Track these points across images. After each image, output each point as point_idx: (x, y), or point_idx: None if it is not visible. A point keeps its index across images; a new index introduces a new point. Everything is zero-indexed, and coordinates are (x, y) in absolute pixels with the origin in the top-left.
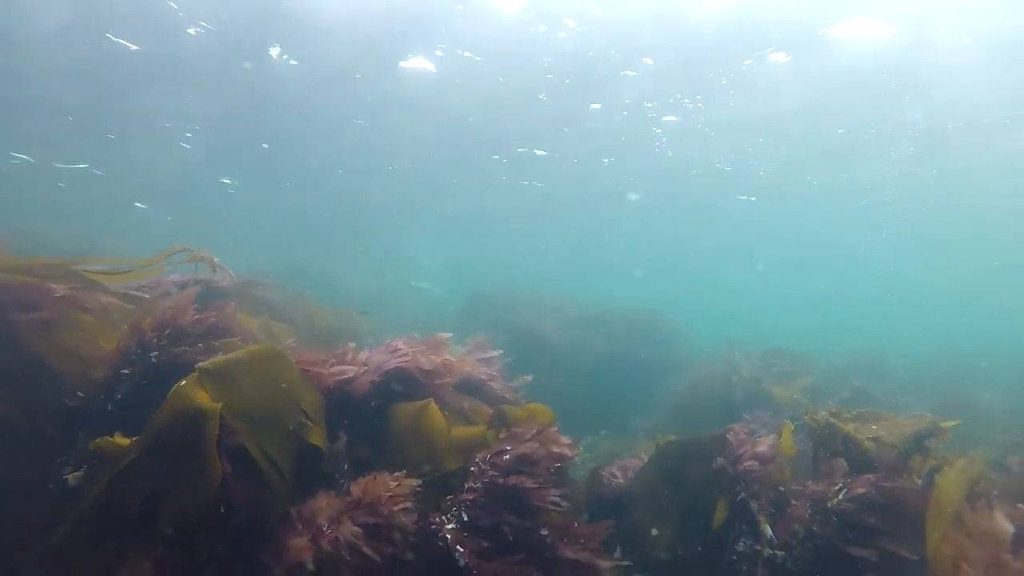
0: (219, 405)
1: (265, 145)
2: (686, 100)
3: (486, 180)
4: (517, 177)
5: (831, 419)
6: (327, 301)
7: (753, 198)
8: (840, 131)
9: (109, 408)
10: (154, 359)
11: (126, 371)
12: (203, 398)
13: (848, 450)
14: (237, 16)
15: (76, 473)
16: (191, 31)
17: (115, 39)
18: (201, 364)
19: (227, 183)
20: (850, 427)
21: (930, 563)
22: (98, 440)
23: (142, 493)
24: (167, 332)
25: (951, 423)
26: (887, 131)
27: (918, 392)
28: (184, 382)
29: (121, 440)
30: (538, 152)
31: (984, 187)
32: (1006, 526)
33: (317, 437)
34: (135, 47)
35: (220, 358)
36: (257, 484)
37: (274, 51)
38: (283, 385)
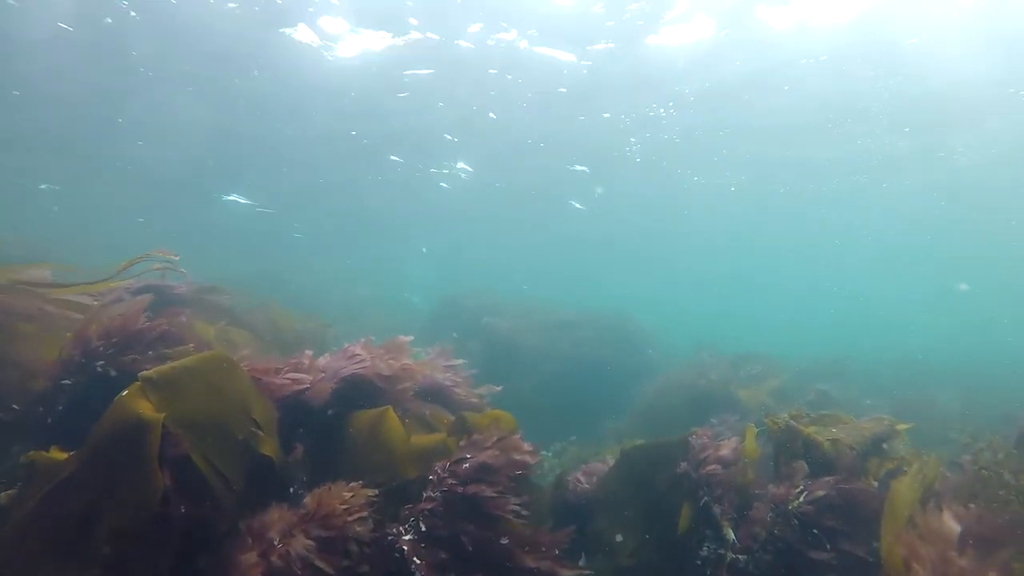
0: (162, 415)
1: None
2: (660, 109)
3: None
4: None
5: (791, 422)
6: (309, 310)
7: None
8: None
9: (49, 421)
10: (100, 368)
11: (68, 381)
12: (146, 408)
13: (808, 452)
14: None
15: (9, 492)
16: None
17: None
18: (144, 373)
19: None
20: (810, 430)
21: (883, 563)
22: (31, 454)
23: (78, 509)
24: (115, 340)
25: (906, 426)
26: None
27: (879, 394)
28: (126, 392)
29: (57, 454)
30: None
31: (935, 205)
32: (953, 526)
33: (268, 447)
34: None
35: (165, 366)
36: (203, 497)
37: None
38: (232, 394)
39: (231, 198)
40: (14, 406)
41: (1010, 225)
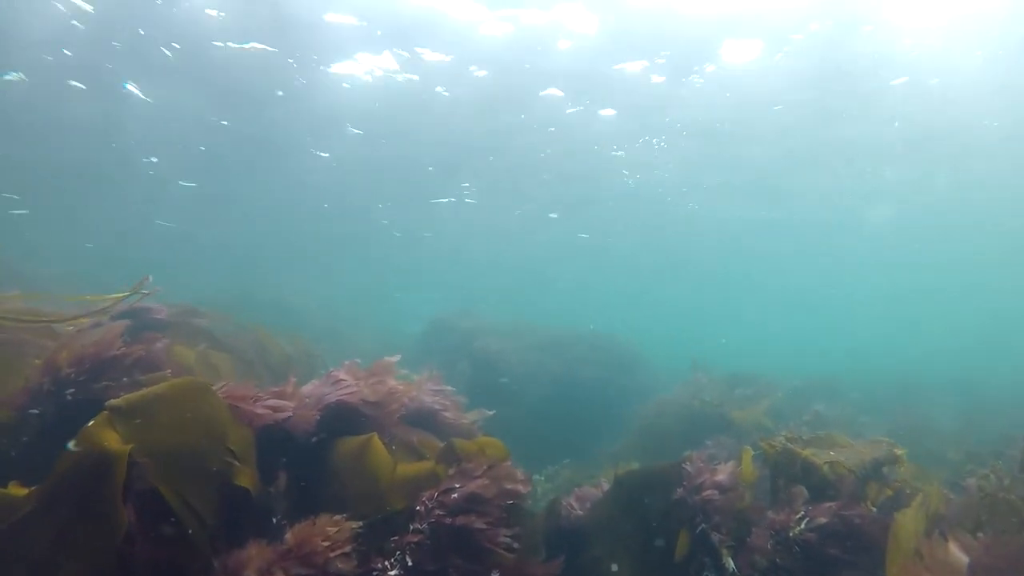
0: (128, 447)
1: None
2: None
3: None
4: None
5: (788, 445)
6: (294, 329)
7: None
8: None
9: (12, 453)
10: (70, 397)
11: (35, 411)
12: (112, 439)
13: (807, 476)
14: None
15: None
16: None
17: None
18: (111, 401)
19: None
20: (808, 452)
21: None
22: None
23: (35, 552)
24: (87, 367)
25: (903, 451)
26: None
27: (874, 412)
28: (92, 422)
29: (16, 490)
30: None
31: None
32: (961, 556)
33: (246, 478)
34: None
35: (135, 394)
36: (173, 535)
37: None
38: (207, 422)
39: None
40: None
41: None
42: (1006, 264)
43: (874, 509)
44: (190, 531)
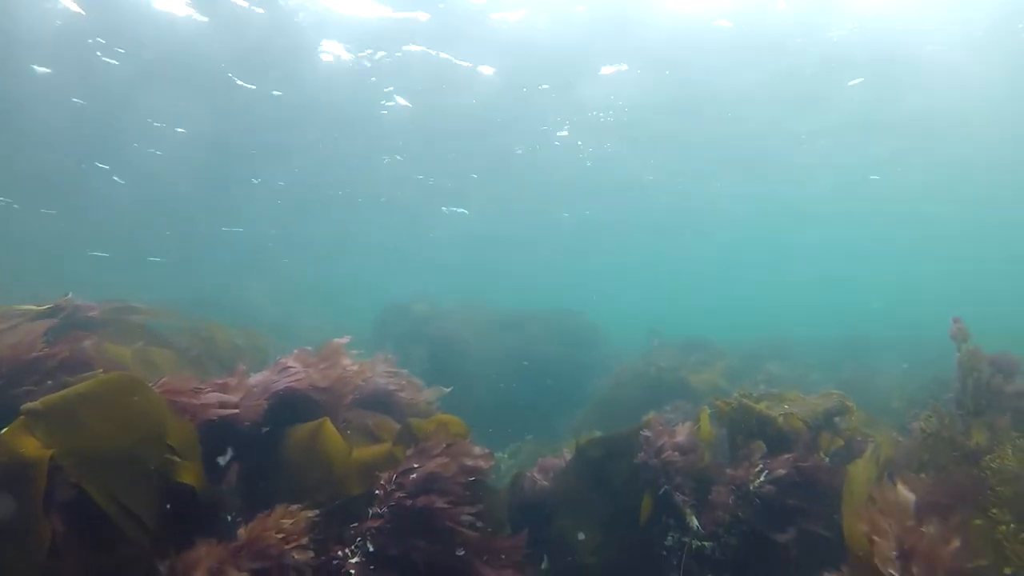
0: (49, 452)
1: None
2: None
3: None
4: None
5: (743, 400)
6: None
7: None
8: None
9: None
10: None
11: None
12: (29, 445)
13: (763, 430)
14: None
15: None
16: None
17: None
18: (26, 405)
19: None
20: (762, 406)
21: (847, 541)
22: None
23: None
24: (3, 371)
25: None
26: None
27: (824, 370)
28: (6, 429)
29: None
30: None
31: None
32: (908, 495)
33: (189, 475)
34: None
35: (54, 395)
36: (108, 541)
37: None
38: (140, 419)
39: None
40: None
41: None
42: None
43: (827, 459)
44: (128, 536)
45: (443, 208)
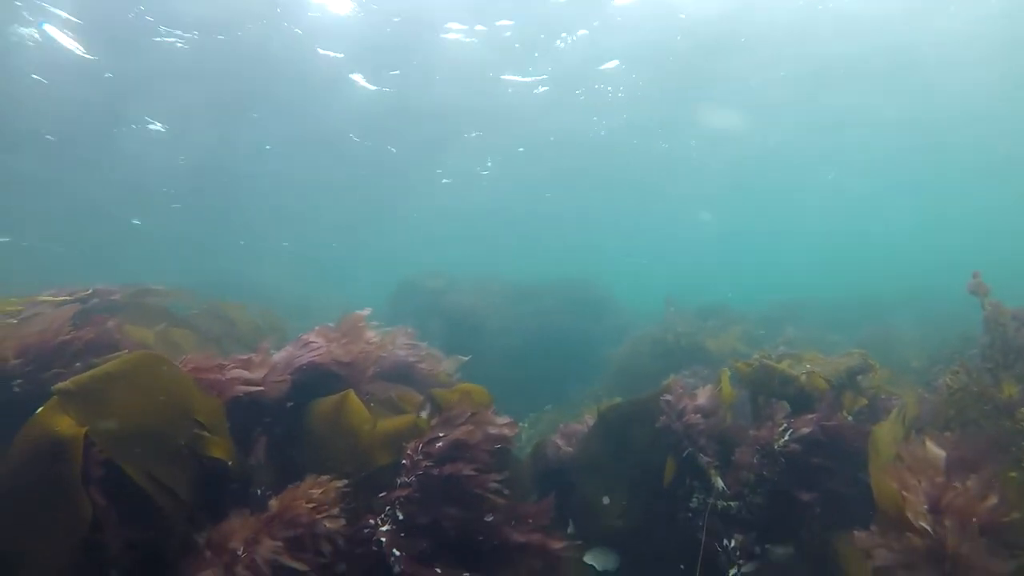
0: (83, 430)
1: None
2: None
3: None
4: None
5: (764, 360)
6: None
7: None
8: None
9: None
10: (17, 388)
11: None
12: (64, 424)
13: (785, 390)
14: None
15: None
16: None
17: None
18: (59, 385)
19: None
20: (784, 365)
21: (876, 498)
22: None
23: (2, 547)
24: (32, 356)
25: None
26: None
27: (842, 331)
28: (41, 409)
29: None
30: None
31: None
32: (938, 452)
33: (219, 450)
34: None
35: (84, 375)
36: (146, 516)
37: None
38: (168, 396)
39: None
40: None
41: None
42: (964, 179)
43: (850, 417)
44: (165, 510)
45: (443, 180)
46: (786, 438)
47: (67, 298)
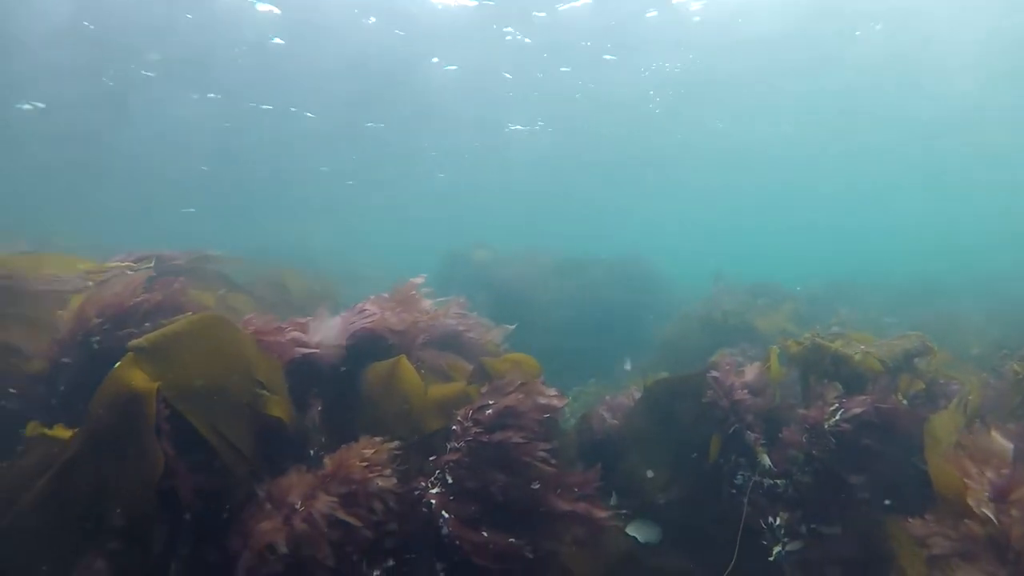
0: (155, 385)
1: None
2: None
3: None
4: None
5: (816, 339)
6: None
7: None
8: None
9: (53, 402)
10: (96, 346)
11: (67, 360)
12: (139, 379)
13: (838, 370)
14: None
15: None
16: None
17: None
18: (133, 342)
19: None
20: (838, 344)
21: (936, 484)
22: (36, 431)
23: (88, 487)
24: (110, 315)
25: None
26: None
27: (898, 313)
28: (119, 364)
29: (62, 432)
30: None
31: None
32: (1006, 444)
33: (278, 408)
34: None
35: (155, 332)
36: (211, 467)
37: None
38: (231, 355)
39: None
40: (11, 390)
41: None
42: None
43: (905, 401)
44: (228, 463)
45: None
46: (837, 417)
47: (133, 264)
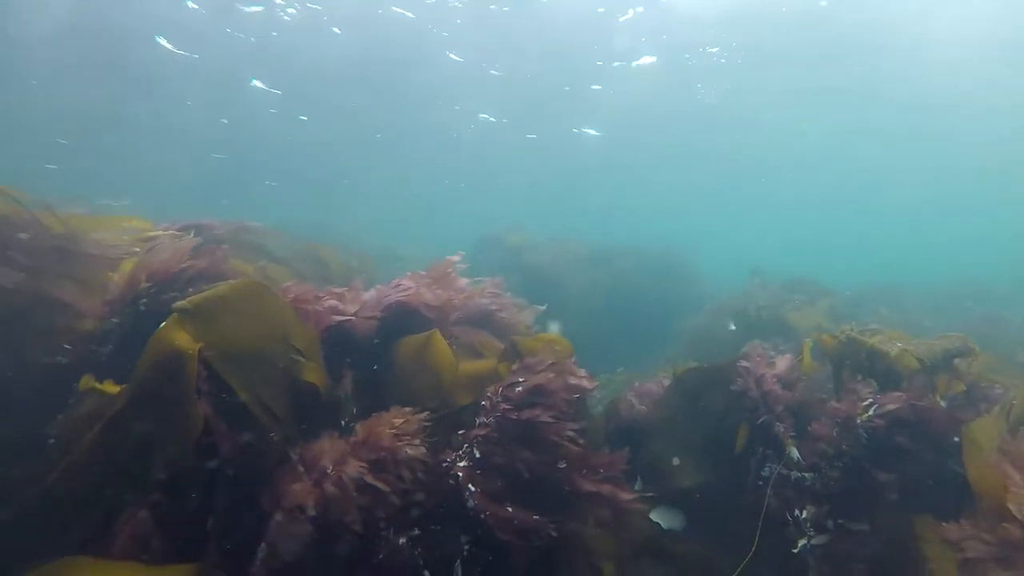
0: (197, 346)
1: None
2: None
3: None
4: None
5: (851, 333)
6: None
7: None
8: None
9: (103, 359)
10: (143, 307)
11: (116, 320)
12: (182, 339)
13: (872, 366)
14: None
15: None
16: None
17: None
18: (178, 303)
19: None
20: (875, 339)
21: (975, 486)
22: (88, 385)
23: (133, 440)
24: (158, 279)
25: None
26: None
27: (938, 315)
28: (164, 324)
29: (111, 387)
30: None
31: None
32: None
33: (313, 375)
34: None
35: (198, 295)
36: (248, 427)
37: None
38: (270, 320)
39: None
40: (66, 345)
41: None
42: None
43: (943, 402)
44: (264, 425)
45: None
46: (871, 412)
47: (177, 232)
